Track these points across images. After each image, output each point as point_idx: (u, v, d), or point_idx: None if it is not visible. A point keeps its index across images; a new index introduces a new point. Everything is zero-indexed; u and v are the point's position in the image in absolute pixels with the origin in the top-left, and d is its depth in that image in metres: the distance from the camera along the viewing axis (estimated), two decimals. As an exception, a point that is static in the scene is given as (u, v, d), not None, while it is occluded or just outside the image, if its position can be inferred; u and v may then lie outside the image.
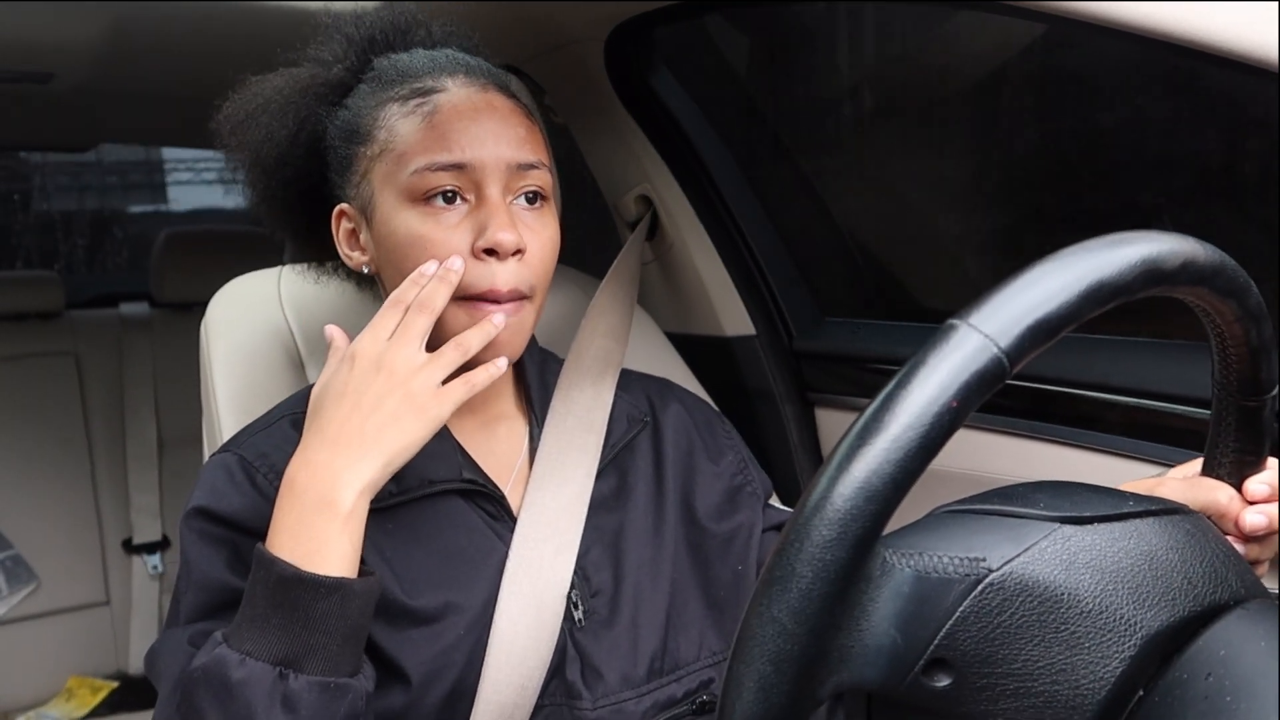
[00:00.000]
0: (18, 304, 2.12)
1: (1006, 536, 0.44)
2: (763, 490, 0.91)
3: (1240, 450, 0.58)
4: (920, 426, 0.39)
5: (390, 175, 0.77)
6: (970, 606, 0.43)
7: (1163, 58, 1.13)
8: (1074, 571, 0.43)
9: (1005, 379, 0.40)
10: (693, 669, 0.81)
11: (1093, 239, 0.43)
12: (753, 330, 1.36)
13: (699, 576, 0.84)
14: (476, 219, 0.75)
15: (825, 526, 0.38)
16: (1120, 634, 0.43)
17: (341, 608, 0.64)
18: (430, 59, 0.81)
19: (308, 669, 0.64)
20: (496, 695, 0.74)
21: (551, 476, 0.82)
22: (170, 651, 0.69)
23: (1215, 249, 0.47)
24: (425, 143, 0.75)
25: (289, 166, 0.84)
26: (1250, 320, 0.49)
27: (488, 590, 0.77)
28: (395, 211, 0.76)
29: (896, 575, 0.43)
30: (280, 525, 0.67)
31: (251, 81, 0.85)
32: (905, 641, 0.42)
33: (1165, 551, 0.45)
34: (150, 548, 2.13)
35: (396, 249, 0.76)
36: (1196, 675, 0.41)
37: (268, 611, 0.64)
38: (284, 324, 1.01)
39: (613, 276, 1.08)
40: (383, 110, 0.78)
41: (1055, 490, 0.48)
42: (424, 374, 0.69)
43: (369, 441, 0.68)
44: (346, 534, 0.66)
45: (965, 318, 0.40)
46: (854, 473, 0.38)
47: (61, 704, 1.94)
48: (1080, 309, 0.41)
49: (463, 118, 0.76)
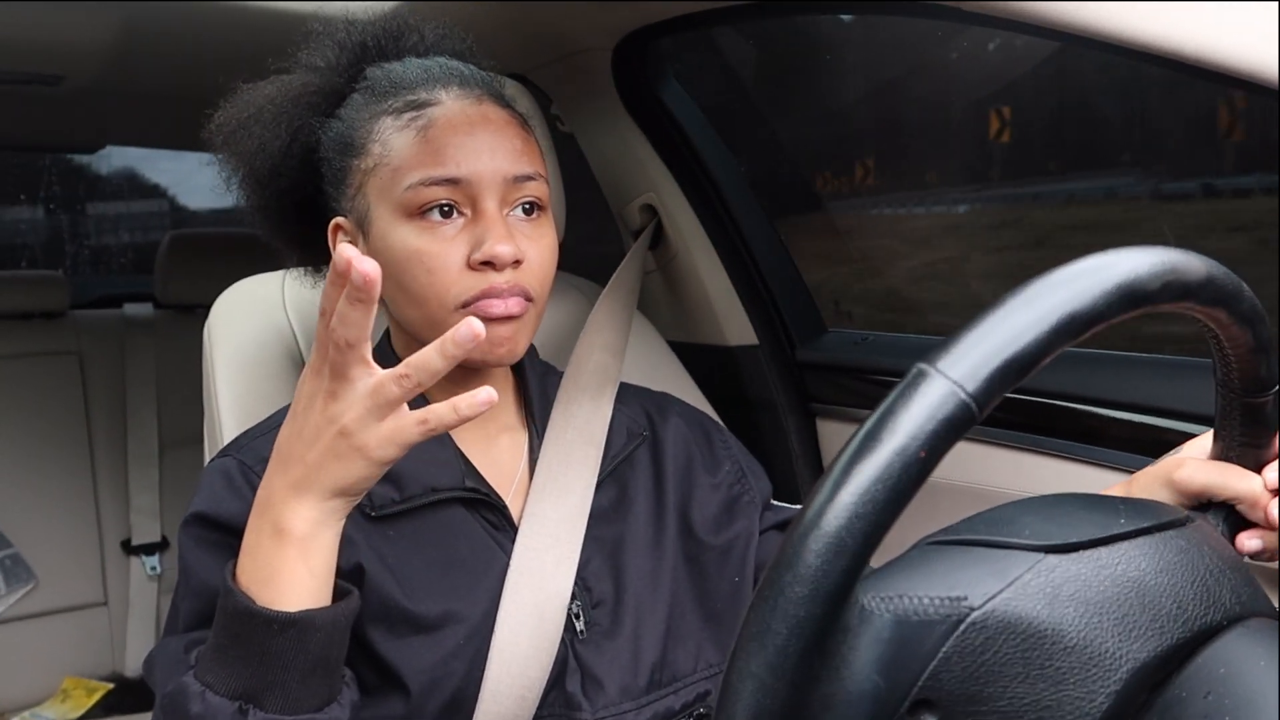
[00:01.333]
0: (23, 303, 2.13)
1: (989, 571, 0.44)
2: (760, 498, 0.91)
3: (1251, 445, 0.57)
4: (889, 480, 0.38)
5: (385, 190, 0.76)
6: (953, 647, 0.42)
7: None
8: (1058, 606, 0.43)
9: (974, 423, 0.40)
10: (690, 681, 0.81)
11: (1065, 265, 0.42)
12: (755, 340, 1.36)
13: (697, 589, 0.84)
14: (473, 232, 0.75)
15: (797, 583, 0.38)
16: (1105, 669, 0.42)
17: (299, 643, 0.61)
18: (424, 69, 0.80)
19: (267, 706, 0.60)
20: (496, 705, 0.74)
21: (552, 487, 0.82)
22: (166, 660, 0.68)
23: (1199, 257, 0.46)
24: (420, 157, 0.75)
25: (283, 178, 0.83)
26: (1245, 323, 0.48)
27: (488, 599, 0.77)
28: (391, 226, 0.76)
29: (876, 621, 0.42)
30: (245, 548, 0.63)
31: (243, 89, 0.84)
32: (888, 685, 0.42)
33: (1154, 575, 0.45)
34: (149, 549, 2.13)
35: (394, 264, 0.76)
36: (1195, 694, 0.41)
37: (226, 643, 0.61)
38: (287, 327, 1.01)
39: (613, 288, 1.08)
40: (376, 123, 0.77)
41: (1045, 512, 0.48)
42: (363, 413, 0.59)
43: (313, 473, 0.61)
44: (304, 563, 0.62)
45: (933, 362, 0.40)
46: (824, 529, 0.38)
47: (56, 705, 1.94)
48: (1051, 344, 0.40)
49: (457, 131, 0.76)
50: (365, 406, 0.59)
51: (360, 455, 0.60)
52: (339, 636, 0.63)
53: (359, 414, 0.59)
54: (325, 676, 0.63)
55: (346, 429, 0.59)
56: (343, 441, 0.59)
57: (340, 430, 0.59)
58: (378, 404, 0.58)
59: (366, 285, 0.55)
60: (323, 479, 0.61)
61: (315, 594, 0.62)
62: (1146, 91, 1.55)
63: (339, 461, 0.60)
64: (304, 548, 0.62)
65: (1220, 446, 0.59)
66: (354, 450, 0.60)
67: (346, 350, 0.57)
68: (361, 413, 0.59)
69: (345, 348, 0.57)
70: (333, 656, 0.63)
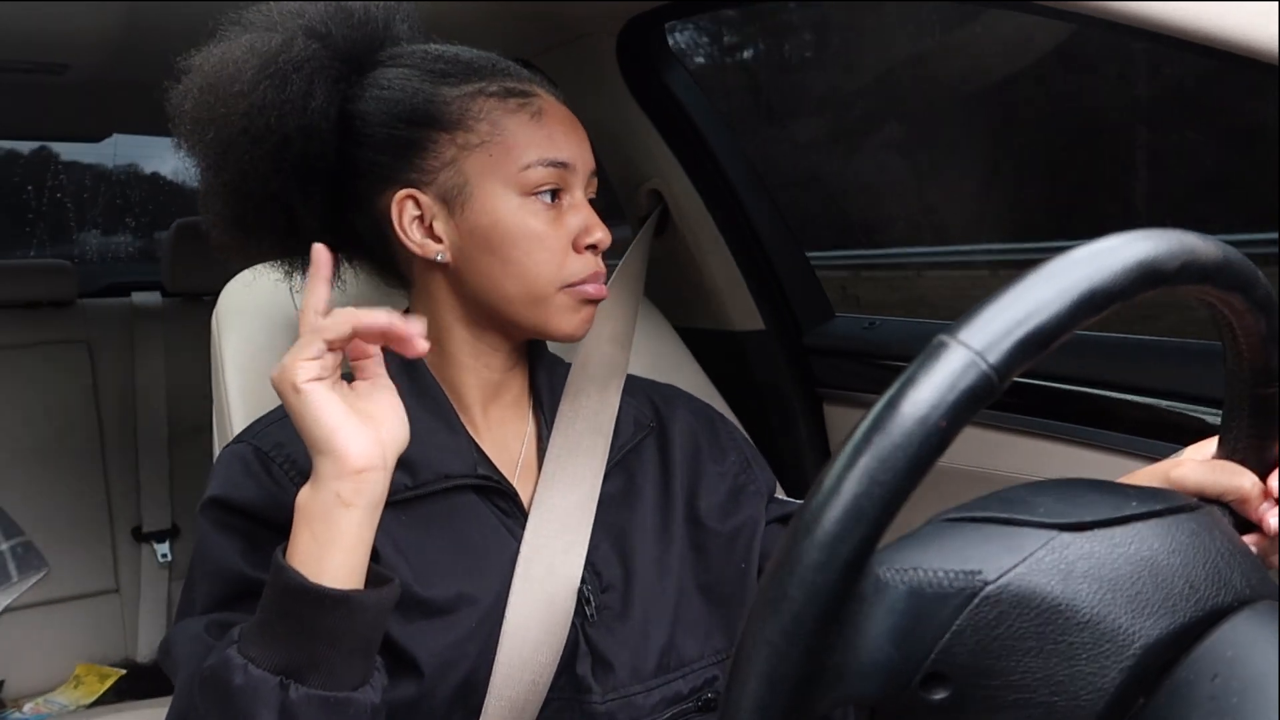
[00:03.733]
0: (32, 292, 2.14)
1: (1003, 546, 0.44)
2: (765, 488, 0.92)
3: (1256, 436, 0.57)
4: (909, 447, 0.38)
5: (495, 167, 0.78)
6: (966, 620, 0.42)
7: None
8: (1071, 581, 0.43)
9: (995, 395, 0.40)
10: (698, 666, 0.82)
11: (1086, 244, 0.42)
12: (762, 325, 1.36)
13: (704, 575, 0.85)
14: (574, 217, 0.80)
15: (815, 550, 0.38)
16: (1118, 644, 0.42)
17: (348, 621, 0.62)
18: (488, 59, 0.83)
19: (309, 682, 0.62)
20: (508, 689, 0.75)
21: (561, 476, 0.83)
22: (185, 641, 0.69)
23: (1216, 242, 0.45)
24: (535, 139, 0.79)
25: (315, 139, 0.79)
26: (1259, 310, 0.48)
27: (500, 584, 0.77)
28: (502, 202, 0.78)
29: (890, 592, 0.42)
30: (295, 529, 0.64)
31: (209, 51, 0.81)
32: (901, 657, 0.42)
33: (1167, 555, 0.45)
34: (160, 536, 2.14)
35: (504, 239, 0.78)
36: (1202, 676, 0.41)
37: (274, 619, 0.62)
38: (295, 314, 1.01)
39: (619, 277, 1.08)
40: (474, 102, 0.79)
41: (1057, 493, 0.48)
42: (290, 369, 0.63)
43: (310, 442, 0.64)
44: (354, 524, 0.63)
45: (954, 333, 0.40)
46: (843, 495, 0.38)
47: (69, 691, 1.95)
48: (1072, 319, 0.40)
49: (562, 122, 0.82)
50: (291, 361, 0.64)
51: (293, 412, 0.64)
52: (381, 620, 0.65)
53: (290, 367, 0.64)
54: (365, 657, 0.64)
55: (283, 389, 0.64)
56: (288, 402, 0.64)
57: (284, 392, 0.64)
58: (298, 354, 0.64)
59: (416, 352, 0.65)
60: (312, 445, 0.64)
61: (360, 573, 0.65)
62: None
63: (298, 424, 0.64)
64: (347, 529, 0.64)
65: (1226, 439, 0.59)
66: (292, 410, 0.64)
67: (326, 343, 0.64)
68: (292, 364, 0.64)
69: (327, 344, 0.64)
70: (374, 639, 0.65)
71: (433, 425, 0.80)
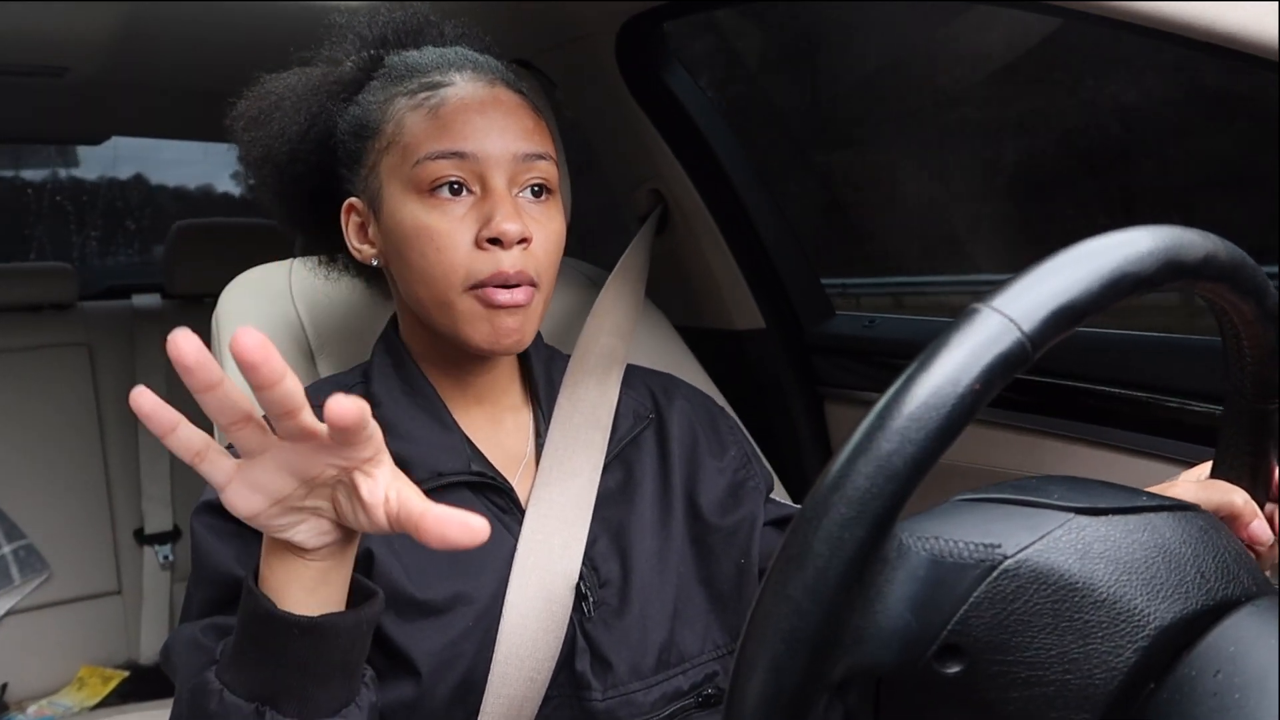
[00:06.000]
0: (32, 295, 2.13)
1: (1022, 524, 0.44)
2: (765, 484, 0.91)
3: (1252, 453, 0.57)
4: (942, 408, 0.38)
5: (397, 167, 0.77)
6: (984, 592, 0.42)
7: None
8: (1088, 561, 0.43)
9: (1028, 363, 0.40)
10: (698, 662, 0.81)
11: (1113, 231, 0.43)
12: (763, 324, 1.35)
13: (703, 570, 0.84)
14: (482, 210, 0.76)
15: (844, 504, 0.38)
16: (1133, 625, 0.43)
17: (318, 648, 0.59)
18: (440, 55, 0.82)
19: (284, 709, 0.59)
20: (506, 687, 0.75)
21: (559, 470, 0.82)
22: (182, 647, 0.69)
23: (1234, 247, 0.47)
24: (430, 133, 0.76)
25: (300, 163, 0.85)
26: (1268, 321, 0.49)
27: (496, 582, 0.77)
28: (402, 203, 0.77)
29: (912, 558, 0.43)
30: (264, 552, 0.60)
31: (266, 79, 0.86)
32: (919, 625, 0.42)
33: (1179, 545, 0.45)
34: (161, 538, 2.14)
35: (403, 240, 0.77)
36: (1205, 672, 0.41)
37: (246, 644, 0.60)
38: (295, 316, 1.01)
39: (619, 273, 1.08)
40: (391, 104, 0.79)
41: (1069, 484, 0.48)
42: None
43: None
44: (314, 569, 0.59)
45: (988, 301, 0.40)
46: (874, 451, 0.38)
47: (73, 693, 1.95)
48: (1104, 297, 0.41)
49: (468, 109, 0.77)
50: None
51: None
52: (360, 641, 0.61)
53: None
54: (344, 680, 0.61)
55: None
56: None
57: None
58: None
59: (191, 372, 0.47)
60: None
61: (333, 599, 0.61)
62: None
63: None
64: (313, 555, 0.59)
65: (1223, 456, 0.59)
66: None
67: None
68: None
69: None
70: (353, 660, 0.61)
71: (426, 423, 0.80)
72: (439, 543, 0.51)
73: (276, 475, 0.53)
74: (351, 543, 0.60)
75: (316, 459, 0.53)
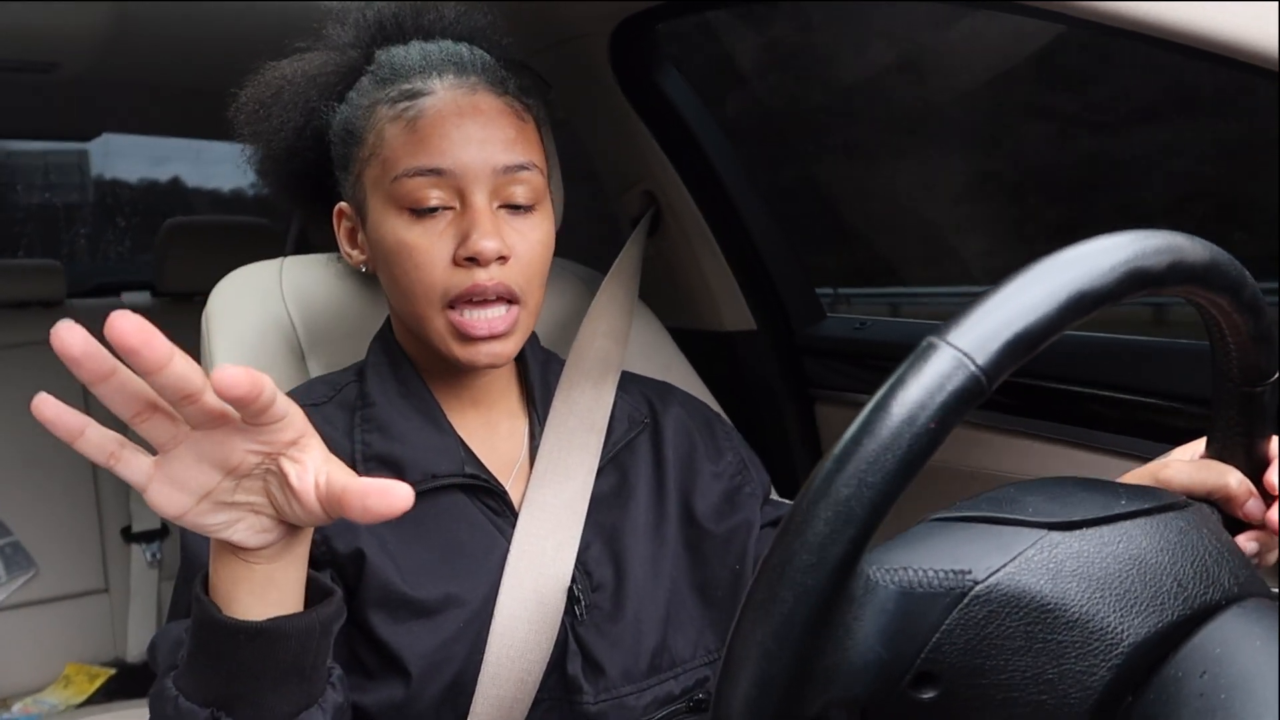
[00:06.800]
0: (20, 292, 2.12)
1: (993, 546, 0.44)
2: (761, 489, 0.91)
3: (1244, 435, 0.57)
4: (898, 449, 0.38)
5: (378, 180, 0.77)
6: (956, 619, 0.42)
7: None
8: (1060, 580, 0.43)
9: (984, 396, 0.40)
10: (690, 666, 0.81)
11: (1074, 245, 0.42)
12: (754, 325, 1.36)
13: (697, 576, 0.84)
14: (460, 226, 0.75)
15: (805, 551, 0.38)
16: (1107, 643, 0.42)
17: (267, 653, 0.57)
18: (423, 55, 0.79)
19: (238, 715, 0.58)
20: (496, 689, 0.75)
21: (553, 474, 0.82)
22: (166, 645, 0.68)
23: (1205, 244, 0.46)
24: (408, 148, 0.75)
25: (297, 159, 0.85)
26: (1247, 311, 0.48)
27: (488, 584, 0.77)
28: (383, 218, 0.77)
29: (880, 593, 0.43)
30: (213, 557, 0.58)
31: (266, 68, 0.85)
32: (891, 656, 0.42)
33: (1155, 554, 0.45)
34: (149, 536, 2.13)
35: (386, 254, 0.77)
36: (1191, 673, 0.41)
37: (196, 651, 0.59)
38: (285, 315, 1.01)
39: (614, 276, 1.08)
40: (374, 112, 0.78)
41: (1047, 492, 0.48)
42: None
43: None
44: (259, 571, 0.57)
45: (942, 335, 0.40)
46: (833, 496, 0.38)
47: (59, 690, 1.94)
48: (1061, 320, 0.40)
49: (446, 122, 0.75)
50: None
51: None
52: (313, 644, 0.59)
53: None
54: (301, 683, 0.60)
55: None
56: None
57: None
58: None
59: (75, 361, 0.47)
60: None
61: (285, 601, 0.59)
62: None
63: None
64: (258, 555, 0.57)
65: (1214, 438, 0.59)
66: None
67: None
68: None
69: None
70: (308, 664, 0.60)
71: (420, 425, 0.80)
72: (361, 514, 0.50)
73: (196, 468, 0.51)
74: (299, 541, 0.58)
75: (234, 445, 0.50)
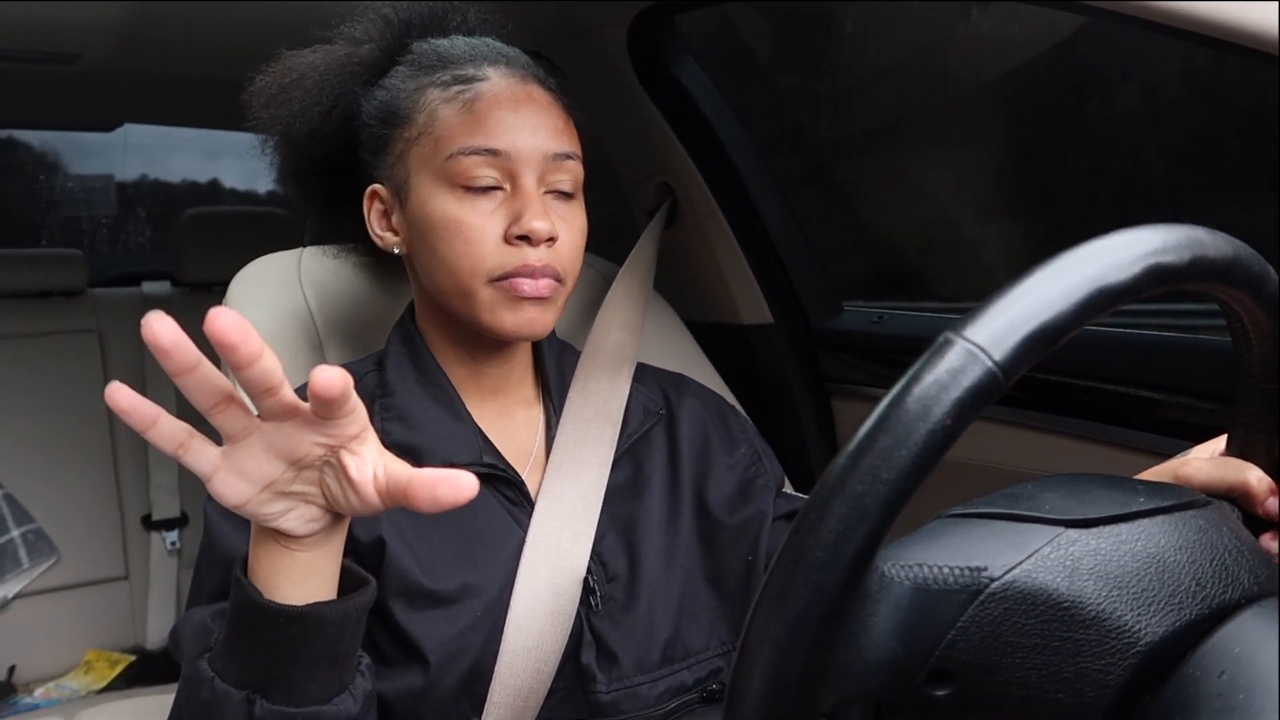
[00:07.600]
0: (42, 282, 2.14)
1: (1009, 543, 0.44)
2: (774, 482, 0.91)
3: (1266, 430, 0.56)
4: (913, 445, 0.38)
5: (428, 159, 0.78)
6: (971, 617, 0.42)
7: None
8: (1077, 578, 0.43)
9: (1000, 392, 0.39)
10: (703, 658, 0.82)
11: (1093, 240, 0.41)
12: (770, 319, 1.35)
13: (710, 567, 0.85)
14: (511, 206, 0.77)
15: (819, 548, 0.38)
16: (1124, 642, 0.42)
17: (305, 638, 0.59)
18: (470, 46, 0.82)
19: (273, 697, 0.59)
20: (512, 678, 0.75)
21: (569, 464, 0.83)
22: (190, 631, 0.69)
23: (1227, 238, 0.45)
24: (465, 128, 0.77)
25: (319, 143, 0.85)
26: (1270, 306, 0.48)
27: (505, 573, 0.77)
28: (432, 194, 0.78)
29: (895, 589, 0.42)
30: (253, 542, 0.60)
31: (286, 55, 0.86)
32: (906, 653, 0.42)
33: (1173, 553, 0.44)
34: (169, 524, 2.15)
35: (431, 230, 0.77)
36: (1209, 673, 0.41)
37: (235, 634, 0.60)
38: (304, 304, 1.02)
39: (629, 268, 1.08)
40: (423, 94, 0.79)
41: (1065, 488, 0.48)
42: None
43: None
44: (301, 560, 0.59)
45: (959, 330, 0.39)
46: (847, 492, 0.38)
47: (80, 676, 1.97)
48: (1080, 316, 0.40)
49: (503, 106, 0.77)
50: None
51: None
52: (349, 630, 0.61)
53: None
54: (333, 669, 0.61)
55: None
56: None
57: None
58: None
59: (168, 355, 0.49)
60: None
61: (322, 589, 0.61)
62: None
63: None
64: (302, 544, 0.58)
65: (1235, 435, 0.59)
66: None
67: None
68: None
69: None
70: (342, 650, 0.61)
71: (439, 414, 0.80)
72: (430, 504, 0.51)
73: (262, 458, 0.53)
74: (339, 530, 0.60)
75: (302, 438, 0.52)
